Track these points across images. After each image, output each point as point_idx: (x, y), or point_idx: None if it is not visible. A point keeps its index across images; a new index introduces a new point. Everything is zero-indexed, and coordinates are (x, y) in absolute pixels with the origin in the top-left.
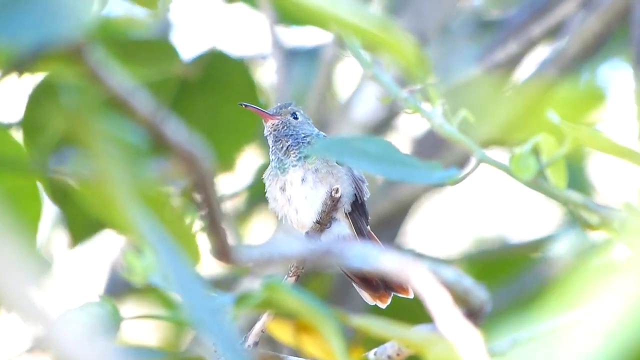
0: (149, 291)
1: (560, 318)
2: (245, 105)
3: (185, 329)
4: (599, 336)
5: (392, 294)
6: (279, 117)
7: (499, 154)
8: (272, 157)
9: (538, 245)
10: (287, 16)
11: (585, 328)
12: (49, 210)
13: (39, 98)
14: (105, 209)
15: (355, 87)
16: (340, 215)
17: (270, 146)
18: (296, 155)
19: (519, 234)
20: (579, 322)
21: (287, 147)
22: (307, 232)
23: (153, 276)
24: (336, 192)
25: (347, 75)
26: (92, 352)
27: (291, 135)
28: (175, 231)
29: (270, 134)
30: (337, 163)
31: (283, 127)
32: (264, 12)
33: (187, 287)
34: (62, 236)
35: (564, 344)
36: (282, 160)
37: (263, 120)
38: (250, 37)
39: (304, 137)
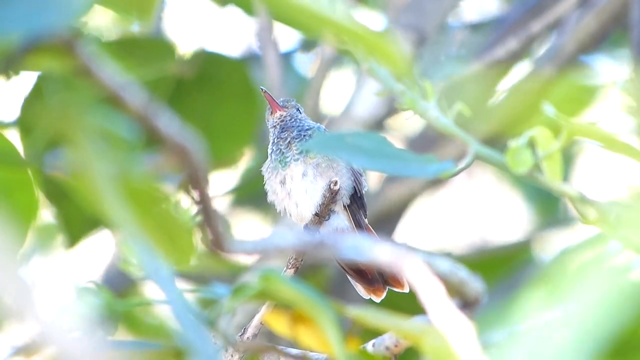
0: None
1: (549, 311)
2: (264, 91)
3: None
4: (582, 330)
5: (387, 288)
6: (286, 110)
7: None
8: (272, 148)
9: (525, 245)
10: (280, 19)
11: (570, 322)
12: (48, 208)
13: (35, 96)
14: (93, 203)
15: (354, 84)
16: (338, 207)
17: (273, 138)
18: (298, 149)
19: (507, 234)
20: (565, 316)
21: (290, 140)
22: (305, 225)
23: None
24: (335, 185)
25: (345, 73)
26: (85, 348)
27: (296, 127)
28: (168, 225)
29: (277, 125)
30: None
31: (290, 120)
32: (259, 15)
33: (163, 282)
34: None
35: (552, 336)
36: (283, 153)
37: (268, 112)
38: (246, 36)
39: (307, 129)
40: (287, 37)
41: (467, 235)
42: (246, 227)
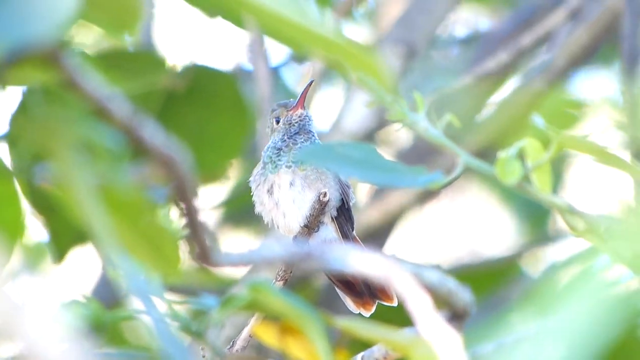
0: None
1: (538, 324)
2: (311, 83)
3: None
4: (571, 343)
5: (377, 302)
6: (305, 108)
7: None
8: (270, 145)
9: (514, 260)
10: (269, 34)
11: (559, 335)
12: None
13: (24, 109)
14: (76, 216)
15: (344, 97)
16: (326, 219)
17: (282, 135)
18: (294, 157)
19: (495, 248)
20: (554, 330)
21: (300, 144)
22: (294, 237)
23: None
24: (324, 196)
25: (335, 86)
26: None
27: (308, 131)
28: (154, 237)
29: (295, 123)
30: (325, 169)
31: (308, 123)
32: (249, 28)
33: (141, 295)
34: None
35: (541, 349)
36: (280, 154)
37: (278, 110)
38: (236, 49)
39: (311, 141)
40: (277, 50)
41: (456, 249)
42: (235, 240)
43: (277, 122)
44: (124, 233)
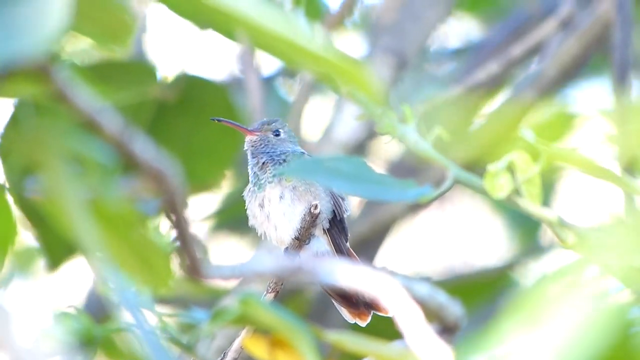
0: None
1: (525, 336)
2: (219, 120)
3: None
4: (561, 355)
5: (372, 312)
6: (258, 133)
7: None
8: (250, 172)
9: (506, 270)
10: (259, 46)
11: (549, 347)
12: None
13: (16, 121)
14: (66, 228)
15: (336, 108)
16: (318, 232)
17: (249, 161)
18: (272, 172)
19: (488, 259)
20: (544, 341)
21: (263, 164)
22: (286, 249)
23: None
24: (315, 209)
25: (325, 97)
26: None
27: (267, 152)
28: (144, 250)
29: (248, 149)
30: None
31: (260, 145)
32: (240, 41)
33: (130, 308)
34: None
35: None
36: (258, 176)
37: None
38: (227, 59)
39: (279, 154)
40: (268, 61)
41: (448, 259)
42: (227, 251)
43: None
44: (114, 246)
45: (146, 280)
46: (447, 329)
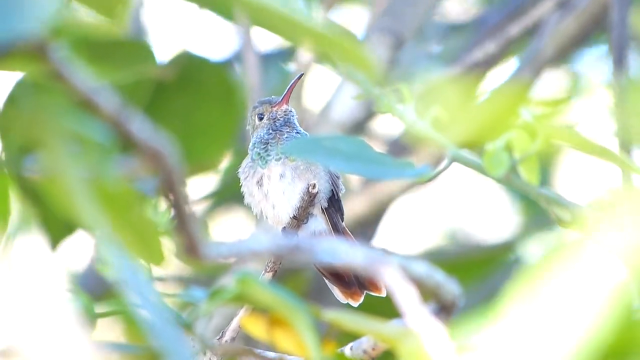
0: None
1: (524, 314)
2: (300, 77)
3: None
4: (561, 333)
5: (365, 292)
6: (287, 103)
7: (472, 155)
8: (255, 146)
9: (509, 246)
10: (259, 25)
11: (549, 324)
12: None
13: (16, 98)
14: (67, 207)
15: (333, 88)
16: (316, 211)
17: (266, 130)
18: (281, 150)
19: (491, 235)
20: (541, 318)
21: (285, 137)
22: (283, 228)
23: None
24: (313, 188)
25: (323, 77)
26: (65, 349)
27: (293, 123)
28: (141, 229)
29: (280, 117)
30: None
31: (292, 117)
32: (238, 20)
33: (137, 286)
34: (38, 237)
35: (529, 340)
36: (268, 149)
37: (261, 106)
38: (225, 40)
39: (296, 132)
40: (267, 39)
41: (451, 234)
42: (228, 228)
43: (261, 118)
44: (112, 226)
45: (144, 259)
46: (444, 308)
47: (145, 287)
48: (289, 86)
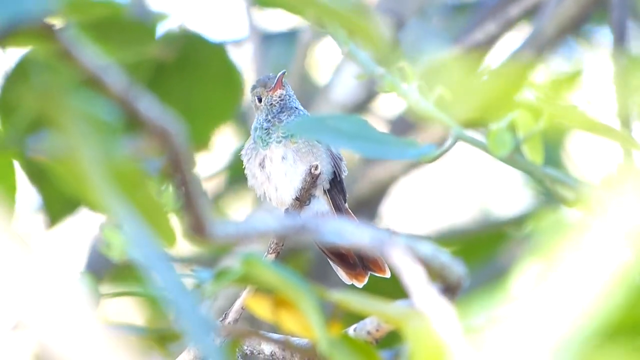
0: (127, 269)
1: (532, 293)
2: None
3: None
4: (568, 313)
5: (369, 273)
6: (284, 88)
7: (476, 134)
8: (260, 125)
9: (516, 223)
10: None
11: (556, 304)
12: (27, 190)
13: (16, 77)
14: (79, 186)
15: (334, 68)
16: (318, 192)
17: (266, 115)
18: (283, 132)
19: (497, 212)
20: (548, 298)
21: (279, 120)
22: (286, 209)
23: (130, 252)
24: (315, 169)
25: (324, 57)
26: (79, 329)
27: (290, 107)
28: (148, 209)
29: (276, 103)
30: (316, 141)
31: (288, 100)
32: None
33: (158, 265)
34: (40, 217)
35: (536, 320)
36: (269, 133)
37: (259, 89)
38: (226, 20)
39: (296, 115)
40: (267, 22)
41: (463, 210)
42: (239, 206)
43: (260, 100)
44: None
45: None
46: (449, 288)
47: (168, 267)
48: (278, 75)
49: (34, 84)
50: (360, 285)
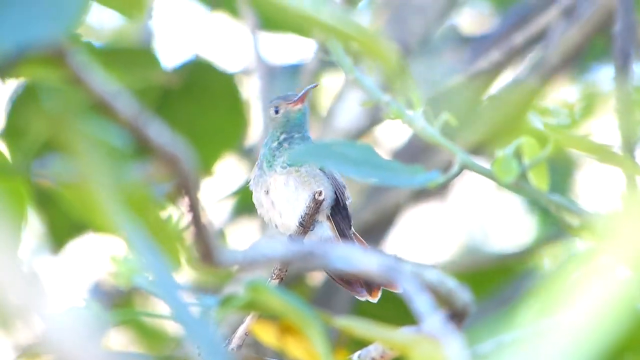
0: (134, 296)
1: (541, 322)
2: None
3: (168, 335)
4: (576, 338)
5: (382, 288)
6: (304, 104)
7: (481, 161)
8: (267, 142)
9: (523, 256)
10: (269, 23)
11: (563, 331)
12: (33, 216)
13: (22, 102)
14: (88, 211)
15: (338, 95)
16: (322, 218)
17: (279, 133)
18: (289, 160)
19: (505, 244)
20: (558, 326)
21: (290, 142)
22: (290, 235)
23: (138, 279)
24: (319, 195)
25: (329, 86)
26: (88, 354)
27: (304, 128)
28: (157, 234)
29: (294, 117)
30: (319, 169)
31: (304, 118)
32: (246, 21)
33: (171, 291)
34: (45, 242)
35: (544, 347)
36: (275, 155)
37: (277, 102)
38: (233, 50)
39: (303, 139)
40: (274, 53)
41: (466, 244)
42: (245, 234)
43: (276, 112)
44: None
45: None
46: (456, 315)
47: (178, 293)
48: (306, 88)
49: (43, 108)
50: (374, 300)
